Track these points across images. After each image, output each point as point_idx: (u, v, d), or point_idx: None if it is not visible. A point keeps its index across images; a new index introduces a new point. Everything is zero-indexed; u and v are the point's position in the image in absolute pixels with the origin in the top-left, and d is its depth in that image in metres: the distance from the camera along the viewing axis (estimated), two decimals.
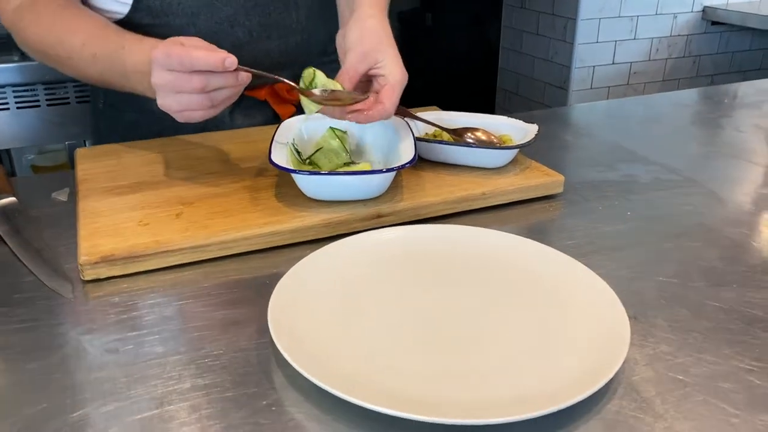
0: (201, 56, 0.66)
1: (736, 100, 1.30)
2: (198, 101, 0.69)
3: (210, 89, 0.68)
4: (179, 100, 0.69)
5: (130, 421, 0.47)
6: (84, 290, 0.63)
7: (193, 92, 0.68)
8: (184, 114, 0.71)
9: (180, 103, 0.70)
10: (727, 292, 0.63)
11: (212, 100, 0.70)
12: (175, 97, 0.69)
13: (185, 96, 0.69)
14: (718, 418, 0.47)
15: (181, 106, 0.70)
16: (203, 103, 0.69)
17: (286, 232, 0.70)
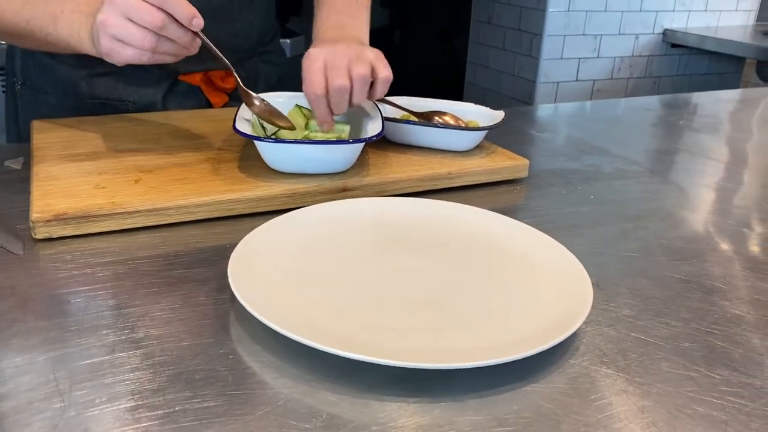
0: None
1: (696, 107, 1.34)
2: (143, 38, 0.64)
3: (163, 33, 0.65)
4: (125, 28, 0.64)
5: (78, 366, 0.45)
6: (35, 248, 0.60)
7: (145, 27, 0.64)
8: (115, 44, 0.65)
9: (122, 30, 0.64)
10: (687, 266, 0.64)
11: (155, 45, 0.65)
12: (123, 23, 0.64)
13: (133, 27, 0.64)
14: (677, 372, 0.48)
15: (121, 33, 0.64)
16: (146, 42, 0.64)
17: (249, 200, 0.68)
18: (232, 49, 0.96)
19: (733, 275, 0.63)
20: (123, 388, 0.43)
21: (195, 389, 0.43)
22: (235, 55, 0.77)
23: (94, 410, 0.41)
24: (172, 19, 0.65)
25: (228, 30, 0.96)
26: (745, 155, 1.04)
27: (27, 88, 0.97)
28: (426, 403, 0.43)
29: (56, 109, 0.93)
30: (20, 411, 0.41)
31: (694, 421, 0.43)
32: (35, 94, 0.96)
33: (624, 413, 0.43)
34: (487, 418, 0.42)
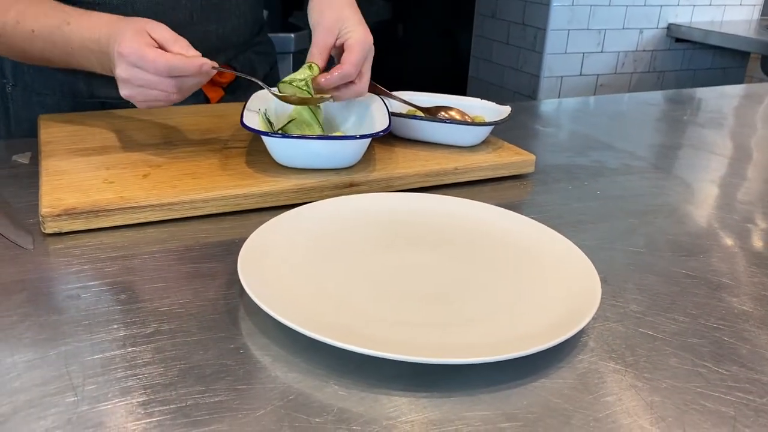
0: (179, 65, 0.67)
1: (700, 102, 1.34)
2: (165, 96, 0.70)
3: (183, 87, 0.70)
4: (146, 94, 0.69)
5: (90, 360, 0.45)
6: (45, 243, 0.61)
7: (168, 92, 0.69)
8: (148, 103, 0.71)
9: (146, 96, 0.69)
10: (694, 261, 0.64)
11: (181, 96, 0.71)
12: (142, 91, 0.69)
13: (154, 92, 0.69)
14: (685, 368, 0.48)
15: (147, 99, 0.70)
16: (171, 98, 0.70)
17: (257, 195, 0.68)
18: (231, 44, 0.96)
19: (739, 271, 0.63)
20: (135, 382, 0.43)
21: (206, 384, 0.43)
22: (235, 49, 0.78)
23: (107, 404, 0.41)
24: (184, 76, 0.69)
25: (226, 27, 0.96)
26: (750, 150, 1.04)
27: (19, 90, 0.95)
28: (436, 398, 0.43)
29: (52, 110, 0.93)
30: (33, 405, 0.41)
31: (703, 416, 0.43)
32: (29, 95, 0.95)
33: (633, 409, 0.43)
34: (496, 413, 0.42)
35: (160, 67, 0.67)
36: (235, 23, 0.97)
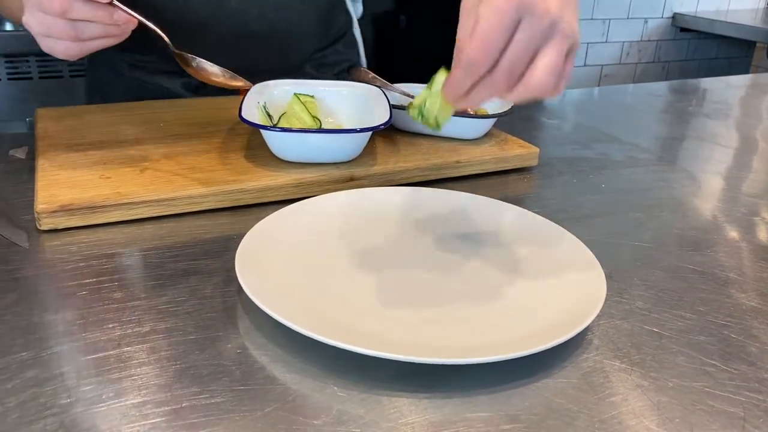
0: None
1: (705, 92, 1.32)
2: (60, 27, 0.61)
3: (72, 16, 0.60)
4: (41, 21, 0.61)
5: (85, 360, 0.44)
6: (40, 240, 0.60)
7: (54, 14, 0.60)
8: (47, 41, 0.63)
9: (41, 25, 0.62)
10: (701, 257, 0.63)
11: (77, 32, 0.62)
12: (38, 16, 0.61)
13: (47, 18, 0.61)
14: (693, 367, 0.47)
15: (43, 28, 0.62)
16: (66, 31, 0.61)
17: (256, 190, 0.67)
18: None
19: (747, 266, 0.62)
20: (130, 383, 0.42)
21: (203, 385, 0.43)
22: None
23: (101, 406, 0.41)
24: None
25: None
26: (756, 141, 1.02)
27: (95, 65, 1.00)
28: (437, 399, 0.42)
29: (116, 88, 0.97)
30: (26, 407, 0.40)
31: (711, 417, 0.42)
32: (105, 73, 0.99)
33: (639, 409, 0.42)
34: (499, 414, 0.41)
35: None
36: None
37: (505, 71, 0.46)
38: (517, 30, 0.45)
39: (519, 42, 0.46)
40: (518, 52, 0.46)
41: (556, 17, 0.46)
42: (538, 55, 0.46)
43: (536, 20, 0.45)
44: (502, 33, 0.45)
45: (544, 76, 0.46)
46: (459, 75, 0.47)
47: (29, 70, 1.51)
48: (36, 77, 1.52)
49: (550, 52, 0.46)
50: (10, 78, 1.51)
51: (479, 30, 0.45)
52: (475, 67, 0.46)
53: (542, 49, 0.46)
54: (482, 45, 0.45)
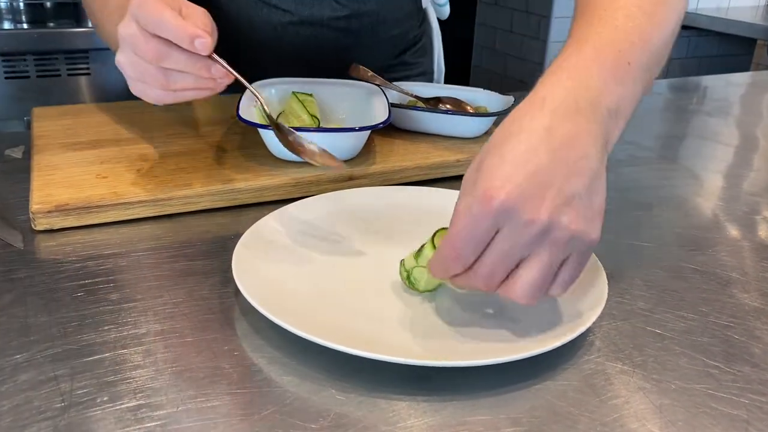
0: (168, 19, 0.53)
1: (706, 90, 1.31)
2: (152, 74, 0.56)
3: (166, 65, 0.55)
4: (134, 64, 0.56)
5: (80, 363, 0.44)
6: (35, 240, 0.59)
7: (147, 60, 0.55)
8: (139, 85, 0.58)
9: (134, 68, 0.57)
10: (703, 256, 0.62)
11: (169, 81, 0.56)
12: (132, 59, 0.56)
13: (141, 62, 0.56)
14: (696, 369, 0.46)
15: (135, 72, 0.57)
16: (157, 79, 0.56)
17: (253, 189, 0.67)
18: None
19: (749, 266, 0.61)
20: (125, 386, 0.42)
21: (199, 388, 0.42)
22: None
23: (96, 410, 0.40)
24: (173, 47, 0.54)
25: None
26: (756, 139, 1.02)
27: None
28: (436, 402, 0.42)
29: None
30: (20, 411, 0.40)
31: (715, 420, 0.41)
32: None
33: (641, 412, 0.42)
34: (499, 417, 0.41)
35: (149, 18, 0.53)
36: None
37: (483, 276, 0.42)
38: (499, 234, 0.41)
39: (496, 250, 0.42)
40: (495, 261, 0.42)
41: (548, 224, 0.40)
42: (522, 265, 0.42)
43: (519, 229, 0.40)
44: (474, 241, 0.41)
45: (523, 289, 0.42)
46: (435, 268, 0.44)
47: (26, 69, 1.50)
48: (33, 76, 1.51)
49: (534, 265, 0.42)
50: (8, 77, 1.50)
51: (452, 231, 0.42)
52: (448, 266, 0.43)
53: (526, 260, 0.42)
54: (453, 249, 0.42)
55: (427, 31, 1.12)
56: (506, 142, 0.42)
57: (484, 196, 0.40)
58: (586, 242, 0.42)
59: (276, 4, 0.89)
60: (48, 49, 1.51)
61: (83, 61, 1.56)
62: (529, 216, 0.40)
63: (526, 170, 0.41)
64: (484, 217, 0.40)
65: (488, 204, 0.40)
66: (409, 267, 0.51)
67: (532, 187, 0.40)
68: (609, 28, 0.49)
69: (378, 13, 0.94)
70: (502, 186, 0.40)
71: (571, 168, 0.41)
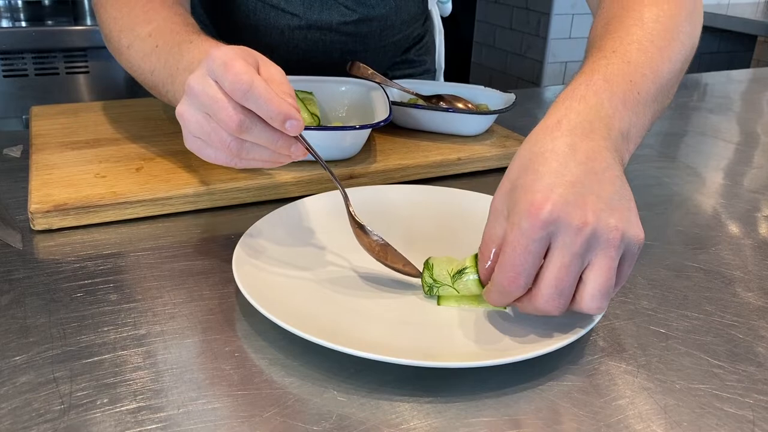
0: (263, 93, 0.47)
1: (707, 87, 1.31)
2: (224, 141, 0.49)
3: (246, 137, 0.49)
4: (203, 124, 0.50)
5: (79, 365, 0.43)
6: (34, 240, 0.59)
7: (225, 128, 0.49)
8: (198, 143, 0.52)
9: (201, 128, 0.50)
10: (705, 254, 0.62)
11: (242, 150, 0.50)
12: (200, 117, 0.50)
13: (212, 125, 0.49)
14: (701, 369, 0.46)
15: (201, 133, 0.50)
16: (228, 147, 0.50)
17: (253, 188, 0.66)
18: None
19: (752, 264, 0.61)
20: (125, 388, 0.41)
21: (200, 389, 0.42)
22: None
23: (96, 413, 0.40)
24: (258, 120, 0.49)
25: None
26: (757, 136, 1.01)
27: None
28: (439, 403, 0.41)
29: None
30: (19, 413, 0.39)
31: (720, 420, 0.41)
32: None
33: (646, 413, 0.41)
34: (503, 418, 0.41)
35: (239, 84, 0.47)
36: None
37: (548, 295, 0.42)
38: (553, 247, 0.41)
39: (556, 265, 0.41)
40: (559, 276, 0.41)
41: (597, 227, 0.41)
42: (585, 275, 0.42)
43: (572, 237, 0.41)
44: (531, 256, 0.41)
45: (594, 298, 0.42)
46: (494, 297, 0.44)
47: (25, 67, 1.50)
48: (32, 74, 1.51)
49: (598, 271, 0.41)
50: (6, 75, 1.49)
51: (506, 256, 0.42)
52: (510, 291, 0.43)
53: (588, 269, 0.42)
54: (511, 273, 0.42)
55: (430, 28, 1.12)
56: (535, 161, 0.43)
57: (532, 209, 0.41)
58: (635, 242, 0.43)
59: (284, 8, 0.89)
60: (46, 47, 1.51)
61: (82, 60, 1.56)
62: (577, 221, 0.41)
63: (564, 180, 0.42)
64: (536, 230, 0.41)
65: (537, 216, 0.41)
66: (440, 281, 0.50)
67: (573, 195, 0.41)
68: (621, 61, 0.51)
69: (387, 17, 0.94)
70: (547, 197, 0.41)
71: (600, 177, 0.43)
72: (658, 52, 0.53)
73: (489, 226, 0.45)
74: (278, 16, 0.89)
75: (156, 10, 0.67)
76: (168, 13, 0.66)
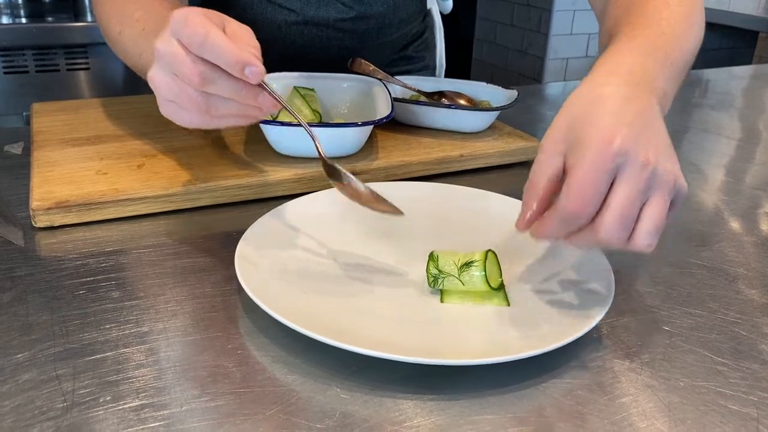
0: (218, 42, 0.48)
1: (708, 83, 1.31)
2: (191, 98, 0.51)
3: (210, 90, 0.50)
4: (172, 85, 0.51)
5: (82, 362, 0.43)
6: (36, 238, 0.58)
7: (190, 84, 0.50)
8: (170, 106, 0.53)
9: (170, 89, 0.51)
10: (710, 251, 0.62)
11: (210, 107, 0.52)
12: (170, 79, 0.51)
13: (178, 83, 0.51)
14: (705, 366, 0.46)
15: (170, 94, 0.52)
16: (197, 104, 0.51)
17: (255, 186, 0.66)
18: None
19: (756, 261, 0.60)
20: (128, 386, 0.41)
21: (202, 387, 0.42)
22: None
23: (98, 410, 0.39)
24: (220, 71, 0.49)
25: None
26: (759, 132, 1.01)
27: None
28: (443, 401, 0.41)
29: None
30: (22, 411, 0.39)
31: (724, 418, 0.41)
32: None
33: (650, 410, 0.41)
34: (506, 416, 0.40)
35: (195, 37, 0.48)
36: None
37: (611, 226, 0.43)
38: (619, 180, 0.43)
39: (623, 196, 0.42)
40: (624, 206, 0.42)
41: (657, 167, 0.43)
42: (643, 210, 0.43)
43: (637, 172, 0.42)
44: (600, 185, 0.43)
45: (649, 234, 0.43)
46: (554, 225, 0.45)
47: (26, 64, 1.50)
48: (33, 71, 1.50)
49: (655, 208, 0.43)
50: (6, 72, 1.49)
51: (574, 186, 0.43)
52: (576, 220, 0.44)
53: (647, 205, 0.43)
54: (579, 202, 0.43)
55: (430, 25, 1.12)
56: (596, 102, 0.45)
57: (603, 142, 0.42)
58: (683, 191, 0.45)
59: (281, 3, 0.89)
60: (47, 43, 1.51)
61: (82, 56, 1.55)
62: (642, 158, 0.43)
63: (628, 119, 0.44)
64: (607, 161, 0.42)
65: (609, 148, 0.42)
66: (445, 271, 0.50)
67: (637, 134, 0.43)
68: (655, 33, 0.54)
69: (384, 15, 0.93)
70: (617, 131, 0.43)
71: (654, 126, 0.45)
72: (683, 31, 0.56)
73: (541, 163, 0.46)
74: (275, 11, 0.89)
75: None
76: (159, 0, 0.69)
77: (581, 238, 0.45)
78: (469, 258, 0.50)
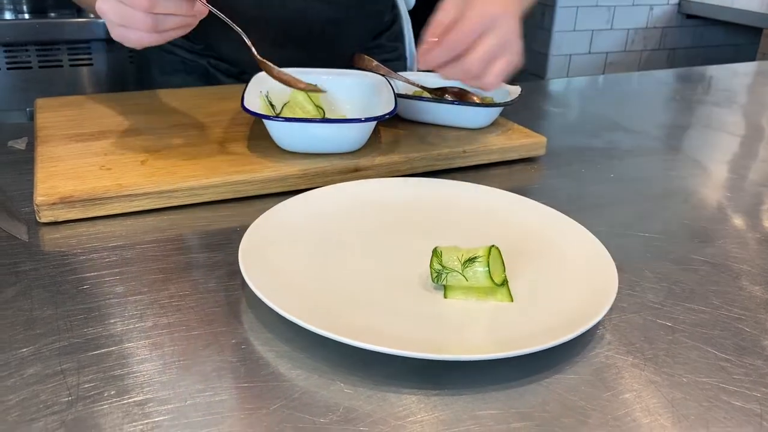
0: None
1: (712, 80, 1.30)
2: (140, 20, 0.60)
3: (157, 10, 0.60)
4: (119, 11, 0.60)
5: (86, 357, 0.43)
6: (40, 233, 0.59)
7: (137, 7, 0.59)
8: (120, 30, 0.62)
9: (119, 15, 0.61)
10: (713, 248, 0.62)
11: (157, 24, 0.61)
12: (114, 4, 0.60)
13: (127, 9, 0.60)
14: (708, 362, 0.46)
15: (120, 18, 0.61)
16: (146, 24, 0.61)
17: (259, 181, 0.66)
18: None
19: (760, 258, 0.60)
20: (132, 380, 0.42)
21: (206, 381, 0.42)
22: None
23: (103, 404, 0.40)
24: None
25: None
26: (763, 129, 1.01)
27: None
28: (446, 396, 0.41)
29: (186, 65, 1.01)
30: (26, 405, 0.39)
31: (728, 414, 0.41)
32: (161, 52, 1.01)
33: (653, 406, 0.41)
34: (510, 411, 0.41)
35: None
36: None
37: (477, 61, 0.62)
38: (487, 35, 0.61)
39: (489, 42, 0.62)
40: (488, 50, 0.62)
41: (511, 38, 0.63)
42: (495, 62, 0.63)
43: (501, 33, 0.62)
44: (477, 32, 0.61)
45: (495, 77, 0.63)
46: (439, 53, 0.62)
47: (29, 59, 1.50)
48: (36, 66, 1.50)
49: (504, 61, 0.63)
50: (10, 67, 1.49)
51: (465, 24, 0.61)
52: (457, 47, 0.61)
53: (498, 59, 0.63)
54: (466, 34, 0.61)
55: (398, 17, 1.12)
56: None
57: (485, 7, 0.62)
58: (519, 64, 0.66)
59: None
60: (49, 39, 1.51)
61: (85, 52, 1.55)
62: (506, 28, 0.62)
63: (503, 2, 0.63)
64: (485, 19, 0.61)
65: (488, 12, 0.61)
66: (449, 267, 0.50)
67: (505, 11, 0.63)
68: None
69: None
70: (496, 6, 0.62)
71: (515, 17, 0.64)
72: None
73: (445, 11, 0.63)
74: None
75: None
76: None
77: (449, 69, 0.63)
78: (473, 254, 0.50)
